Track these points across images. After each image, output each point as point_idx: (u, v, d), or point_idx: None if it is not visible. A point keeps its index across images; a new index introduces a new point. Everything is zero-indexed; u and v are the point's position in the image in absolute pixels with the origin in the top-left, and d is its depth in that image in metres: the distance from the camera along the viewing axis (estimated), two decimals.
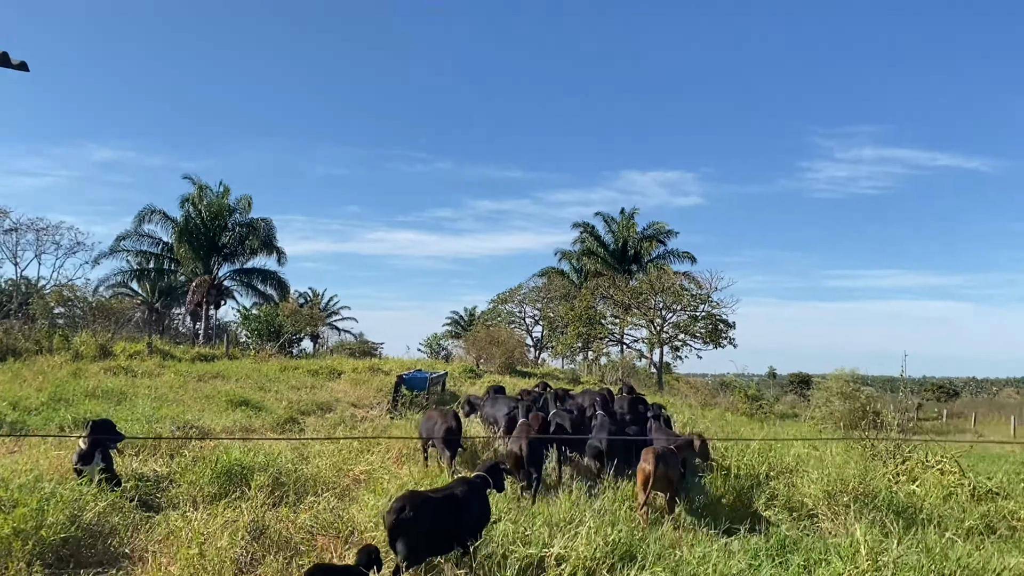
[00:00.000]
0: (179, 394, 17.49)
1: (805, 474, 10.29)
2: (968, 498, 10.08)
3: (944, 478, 10.52)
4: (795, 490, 9.46)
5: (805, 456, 12.05)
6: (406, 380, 19.50)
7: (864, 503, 8.77)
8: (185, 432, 12.38)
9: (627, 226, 56.86)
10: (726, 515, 8.46)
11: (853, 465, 10.53)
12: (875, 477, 9.56)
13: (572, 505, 8.20)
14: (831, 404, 34.41)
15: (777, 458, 11.42)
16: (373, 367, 27.58)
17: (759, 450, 11.63)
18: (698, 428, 15.97)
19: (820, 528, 8.48)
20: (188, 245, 45.11)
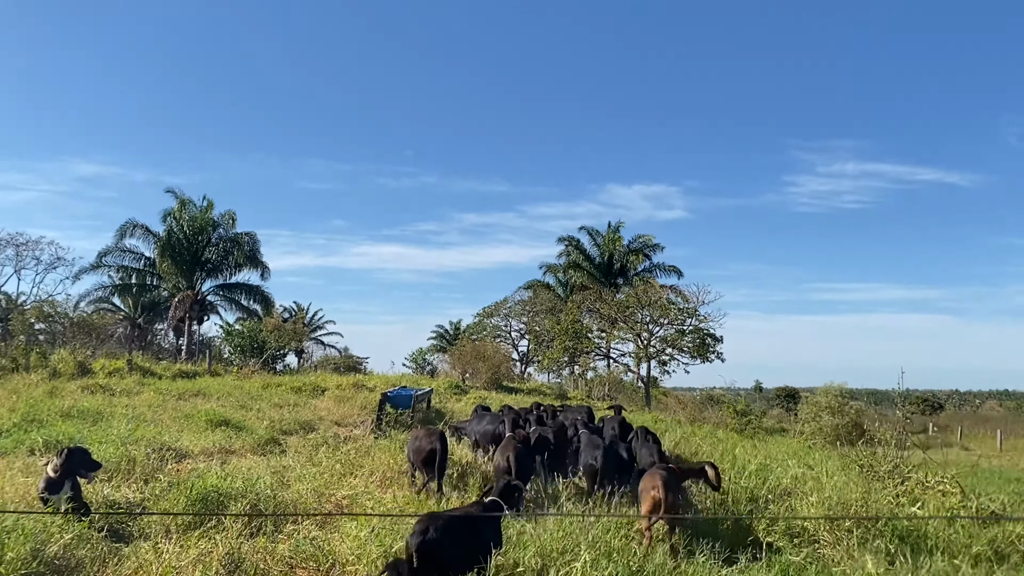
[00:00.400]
0: (157, 413, 17.01)
1: (804, 496, 9.97)
2: (971, 521, 9.77)
3: (946, 500, 10.22)
4: (794, 514, 9.12)
5: (802, 476, 11.74)
6: (391, 398, 19.07)
7: (867, 528, 8.44)
8: (161, 455, 11.93)
9: (613, 239, 56.69)
10: (726, 541, 8.11)
11: (852, 487, 10.20)
12: (877, 500, 9.23)
13: (565, 535, 7.82)
14: (820, 419, 34.19)
15: (775, 480, 11.10)
16: (357, 383, 27.12)
17: (756, 472, 11.31)
18: (691, 447, 15.67)
19: (823, 555, 8.15)
20: (171, 260, 44.51)
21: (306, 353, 55.67)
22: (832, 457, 17.87)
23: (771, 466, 12.68)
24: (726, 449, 16.52)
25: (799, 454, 17.79)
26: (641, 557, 7.54)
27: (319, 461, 12.00)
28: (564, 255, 57.78)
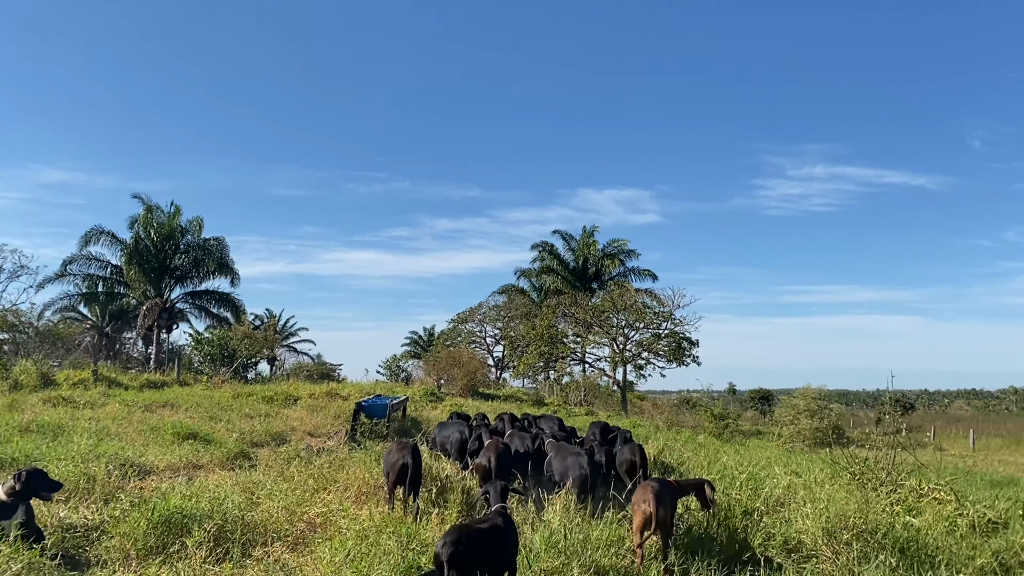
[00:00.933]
0: (122, 427, 16.33)
1: (797, 507, 9.60)
2: (969, 530, 9.46)
3: (941, 508, 9.90)
4: (789, 526, 8.74)
5: (793, 485, 11.38)
6: (365, 407, 18.53)
7: (867, 540, 8.08)
8: (123, 472, 11.33)
9: (588, 244, 56.50)
10: (721, 558, 7.70)
11: (845, 496, 9.85)
12: (874, 510, 8.87)
13: (557, 552, 7.37)
14: (799, 422, 34.14)
15: (768, 490, 10.71)
16: (331, 392, 26.49)
17: (747, 481, 10.93)
18: (674, 455, 15.27)
19: (822, 571, 7.76)
20: (138, 267, 43.54)
21: (279, 360, 54.88)
22: (818, 462, 17.59)
23: (759, 475, 12.31)
24: (709, 456, 16.20)
25: (784, 460, 17.48)
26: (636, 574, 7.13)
27: (291, 476, 11.46)
28: (538, 260, 57.48)
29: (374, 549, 7.42)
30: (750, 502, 9.27)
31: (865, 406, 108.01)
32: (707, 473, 12.64)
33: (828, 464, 17.54)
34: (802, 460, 18.61)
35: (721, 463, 14.61)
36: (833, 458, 12.69)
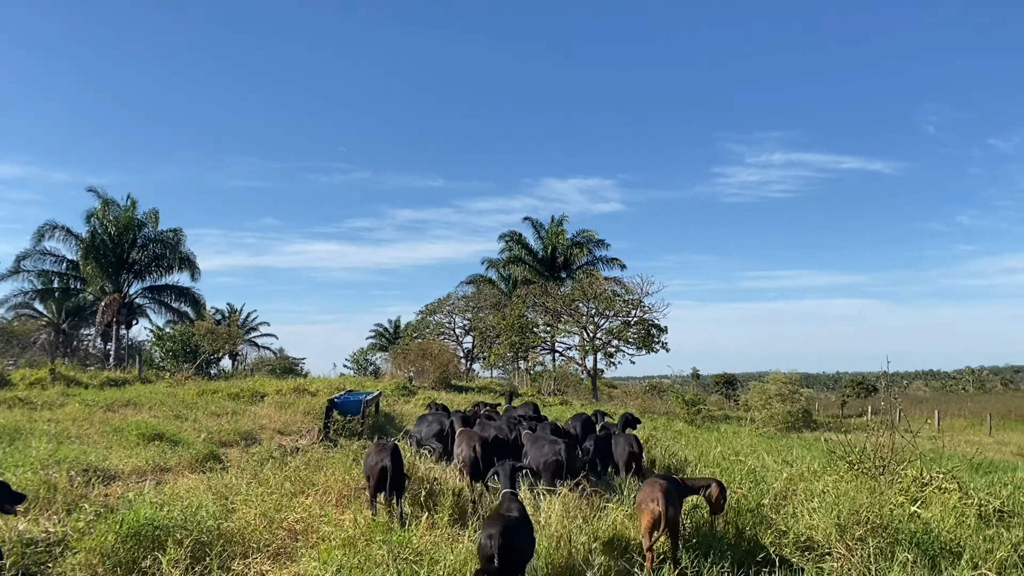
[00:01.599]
0: (83, 428, 15.54)
1: (802, 501, 9.22)
2: (977, 520, 9.15)
3: (947, 497, 9.59)
4: (798, 522, 8.34)
5: (793, 477, 11.00)
6: (338, 404, 17.88)
7: (881, 536, 7.70)
8: (86, 478, 10.64)
9: (556, 233, 56.16)
10: (733, 559, 7.27)
11: (852, 488, 9.47)
12: (884, 504, 8.50)
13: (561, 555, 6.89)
14: (771, 407, 34.08)
15: (770, 483, 10.33)
16: (299, 388, 25.79)
17: (747, 474, 10.53)
18: (663, 448, 14.84)
19: (839, 570, 7.36)
20: (95, 262, 42.28)
21: (240, 355, 53.84)
22: (801, 448, 17.33)
23: (754, 466, 11.93)
24: (700, 447, 15.85)
25: (768, 447, 17.17)
26: None
27: (266, 479, 10.81)
28: (507, 250, 56.99)
29: (364, 560, 6.87)
30: (755, 498, 8.85)
31: (826, 388, 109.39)
32: (701, 465, 12.27)
33: (814, 450, 17.33)
34: (784, 446, 18.33)
35: (713, 454, 14.24)
36: (829, 446, 12.35)
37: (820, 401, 57.69)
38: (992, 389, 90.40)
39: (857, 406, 62.41)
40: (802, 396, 36.92)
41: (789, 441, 23.29)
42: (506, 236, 56.67)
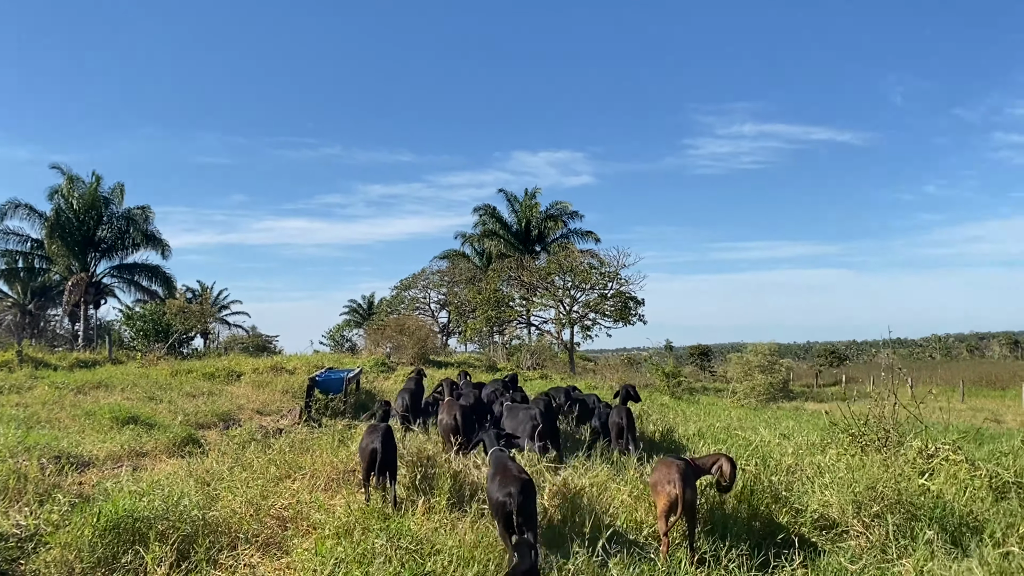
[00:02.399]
0: (54, 412, 14.94)
1: (810, 477, 8.92)
2: (988, 493, 8.90)
3: (956, 469, 9.32)
4: (809, 498, 8.02)
5: (800, 450, 10.71)
6: (319, 382, 17.36)
7: (896, 511, 7.41)
8: (59, 466, 10.10)
9: (530, 206, 55.74)
10: (751, 541, 6.92)
11: (862, 462, 9.18)
12: (899, 478, 8.20)
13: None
14: (753, 378, 34.06)
15: (775, 459, 10.02)
16: (276, 366, 25.24)
17: (750, 449, 10.19)
18: (656, 421, 14.49)
19: (858, 548, 7.06)
20: (61, 241, 41.15)
21: (212, 334, 52.99)
22: (790, 420, 17.12)
23: (758, 440, 11.62)
24: (681, 417, 15.58)
25: (762, 419, 16.93)
26: (663, 566, 6.30)
27: (249, 463, 10.33)
28: (480, 224, 56.47)
29: (363, 551, 6.43)
30: (765, 475, 8.51)
31: (797, 359, 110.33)
32: (709, 440, 11.96)
33: (800, 421, 17.13)
34: (772, 418, 18.13)
35: (711, 428, 13.95)
36: (831, 418, 12.07)
37: (793, 371, 58.01)
38: (958, 356, 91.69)
39: (830, 375, 62.94)
40: (782, 367, 37.00)
41: (772, 412, 23.16)
42: (480, 209, 56.22)
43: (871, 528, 7.29)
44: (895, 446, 10.35)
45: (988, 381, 46.72)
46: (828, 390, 44.14)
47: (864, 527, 7.32)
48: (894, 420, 10.85)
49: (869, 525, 7.32)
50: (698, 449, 11.06)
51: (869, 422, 10.96)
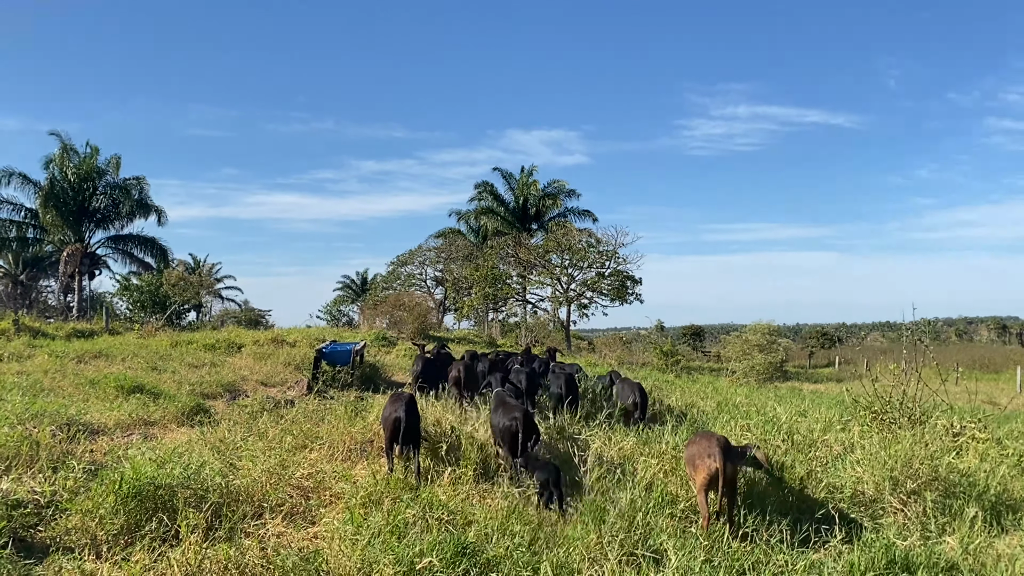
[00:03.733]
0: (56, 381, 14.71)
1: (839, 455, 8.80)
2: (1018, 472, 8.80)
3: (985, 448, 9.22)
4: (843, 474, 7.89)
5: (826, 428, 10.57)
6: (326, 354, 17.15)
7: (932, 488, 7.29)
8: (67, 433, 9.88)
9: (527, 184, 55.46)
10: (787, 514, 6.78)
11: (887, 437, 9.06)
12: (933, 455, 8.08)
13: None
14: (752, 357, 34.01)
15: (804, 435, 9.88)
16: (277, 339, 24.99)
17: (772, 426, 10.04)
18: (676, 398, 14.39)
19: (890, 523, 6.93)
20: (55, 211, 40.69)
21: (206, 307, 52.62)
22: (797, 399, 17.02)
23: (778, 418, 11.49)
24: (719, 397, 15.48)
25: (772, 397, 16.82)
26: (706, 541, 6.15)
27: (264, 432, 10.16)
28: (477, 199, 56.16)
29: (395, 519, 6.25)
30: (794, 451, 8.36)
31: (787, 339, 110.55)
32: (727, 416, 11.81)
33: (805, 399, 17.03)
34: (779, 396, 18.01)
35: (728, 405, 13.85)
36: (852, 396, 11.94)
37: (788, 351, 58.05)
38: (947, 340, 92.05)
39: (823, 356, 63.09)
40: (780, 347, 36.98)
41: (774, 391, 23.08)
42: (479, 185, 55.95)
43: (908, 505, 7.16)
44: (919, 424, 10.23)
45: (981, 365, 46.78)
46: (822, 371, 44.22)
47: (901, 504, 7.19)
48: (916, 399, 10.72)
49: (906, 502, 7.20)
50: (724, 423, 10.90)
51: (892, 400, 10.82)
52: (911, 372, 11.18)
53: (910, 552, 5.81)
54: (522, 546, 5.95)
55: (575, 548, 5.92)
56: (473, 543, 5.78)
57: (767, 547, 6.16)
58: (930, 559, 5.75)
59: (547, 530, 6.44)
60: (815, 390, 26.53)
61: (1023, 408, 21.29)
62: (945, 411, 10.62)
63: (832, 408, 13.66)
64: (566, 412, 10.89)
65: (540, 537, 6.22)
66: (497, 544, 5.89)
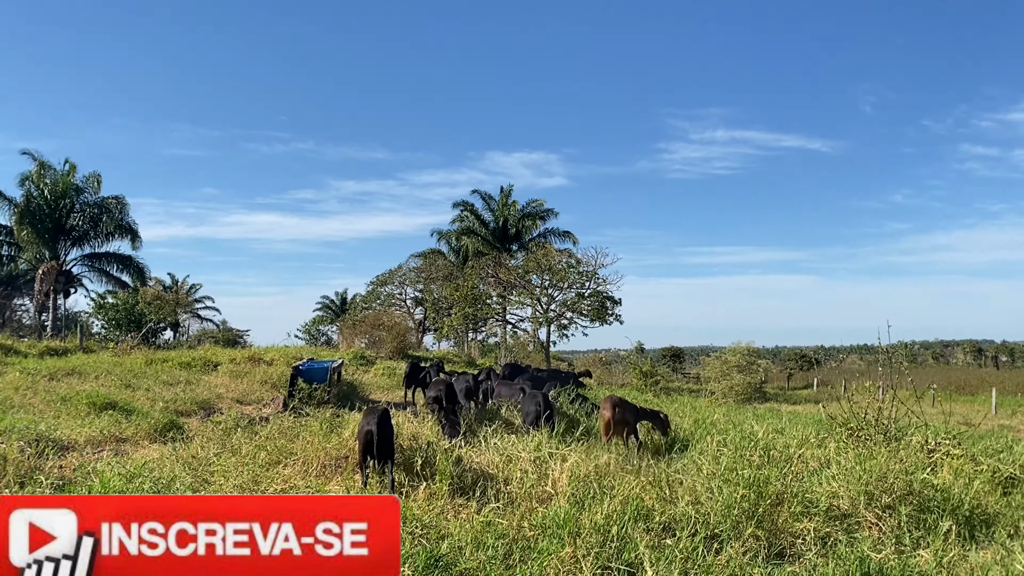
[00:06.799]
0: (27, 397, 14.51)
1: (815, 471, 8.80)
2: (992, 488, 8.84)
3: (959, 464, 9.25)
4: (819, 488, 7.86)
5: (802, 445, 10.57)
6: (303, 371, 17.03)
7: (907, 503, 7.29)
8: (36, 449, 9.72)
9: (507, 204, 55.65)
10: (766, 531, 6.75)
11: (863, 452, 9.07)
12: (909, 470, 8.09)
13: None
14: (731, 377, 34.12)
15: (780, 450, 9.88)
16: (254, 357, 24.81)
17: (762, 443, 10.01)
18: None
19: (865, 537, 6.91)
20: (31, 228, 40.25)
21: (182, 327, 52.17)
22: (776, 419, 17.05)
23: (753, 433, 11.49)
24: (697, 415, 15.51)
25: (750, 416, 16.85)
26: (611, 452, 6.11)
27: (237, 448, 10.02)
28: (457, 221, 56.34)
29: None
30: (770, 466, 8.33)
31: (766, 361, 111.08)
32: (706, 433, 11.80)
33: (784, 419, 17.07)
34: (757, 416, 18.02)
35: (706, 422, 13.86)
36: (828, 413, 11.99)
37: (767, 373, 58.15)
38: (924, 363, 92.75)
39: (801, 378, 63.34)
40: (759, 368, 37.12)
41: (753, 411, 23.12)
42: (460, 205, 56.12)
43: (883, 519, 7.16)
44: (895, 440, 10.27)
45: (957, 387, 47.11)
46: (800, 393, 44.38)
47: (876, 518, 7.19)
48: (893, 415, 10.78)
49: (881, 516, 7.20)
50: (702, 439, 10.91)
51: (868, 417, 10.87)
52: (887, 392, 11.23)
53: (884, 565, 5.81)
54: (496, 559, 5.89)
55: (550, 562, 5.87)
56: (446, 555, 5.73)
57: (743, 560, 6.13)
58: (904, 572, 5.76)
59: (522, 544, 6.37)
60: (793, 411, 26.55)
61: (998, 429, 21.40)
62: (920, 428, 10.67)
63: (809, 426, 13.71)
64: (543, 429, 10.72)
65: (515, 550, 6.16)
66: (471, 557, 5.83)
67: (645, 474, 8.15)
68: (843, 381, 48.09)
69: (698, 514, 6.92)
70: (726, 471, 7.68)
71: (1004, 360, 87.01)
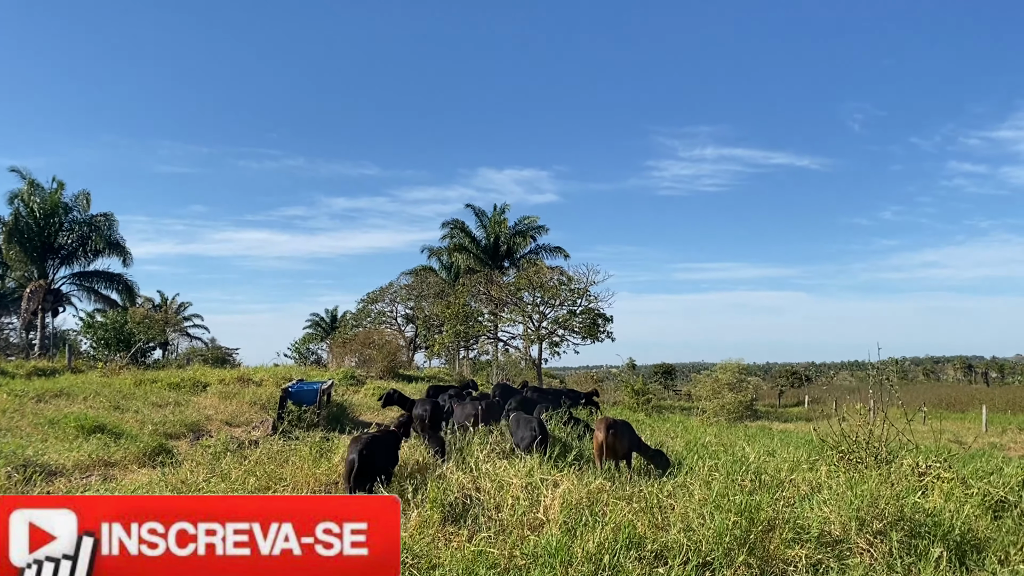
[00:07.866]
0: (14, 420, 14.39)
1: (806, 495, 8.78)
2: (983, 511, 8.83)
3: (950, 487, 9.24)
4: (810, 513, 7.85)
5: (794, 468, 10.55)
6: (292, 393, 16.93)
7: (899, 528, 7.28)
8: (23, 474, 9.65)
9: (498, 221, 55.63)
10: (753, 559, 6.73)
11: (855, 476, 9.07)
12: (900, 494, 8.08)
13: None
14: (722, 396, 34.07)
15: (771, 474, 9.86)
16: (243, 377, 24.68)
17: (745, 470, 9.99)
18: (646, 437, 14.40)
19: (858, 565, 6.89)
20: (19, 247, 40.08)
21: (171, 346, 51.94)
22: (767, 438, 17.06)
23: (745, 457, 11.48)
24: (690, 436, 15.48)
25: (741, 437, 16.81)
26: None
27: (226, 473, 9.95)
28: (448, 237, 56.28)
29: None
30: (763, 495, 8.31)
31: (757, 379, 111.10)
32: (696, 456, 11.76)
33: (774, 439, 17.07)
34: (748, 436, 18.02)
35: (698, 444, 13.82)
36: (820, 435, 11.96)
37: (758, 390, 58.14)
38: (914, 379, 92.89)
39: (792, 395, 63.34)
40: (750, 385, 37.12)
41: (744, 430, 23.10)
42: (450, 223, 56.08)
43: (875, 545, 7.14)
44: (886, 464, 10.26)
45: (947, 404, 47.16)
46: (792, 410, 44.38)
47: (868, 544, 7.17)
48: (884, 438, 10.79)
49: (872, 542, 7.18)
50: (692, 463, 10.87)
51: (859, 439, 10.87)
52: (878, 412, 11.22)
53: None
54: None
55: None
56: None
57: None
58: None
59: (513, 573, 6.34)
60: (785, 429, 26.57)
61: (988, 447, 21.43)
62: (911, 450, 10.68)
63: (800, 447, 13.69)
64: (536, 454, 10.61)
65: None
66: None
67: (637, 500, 8.11)
68: (834, 399, 48.22)
69: (690, 541, 6.89)
70: (718, 497, 7.67)
71: (994, 376, 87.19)
